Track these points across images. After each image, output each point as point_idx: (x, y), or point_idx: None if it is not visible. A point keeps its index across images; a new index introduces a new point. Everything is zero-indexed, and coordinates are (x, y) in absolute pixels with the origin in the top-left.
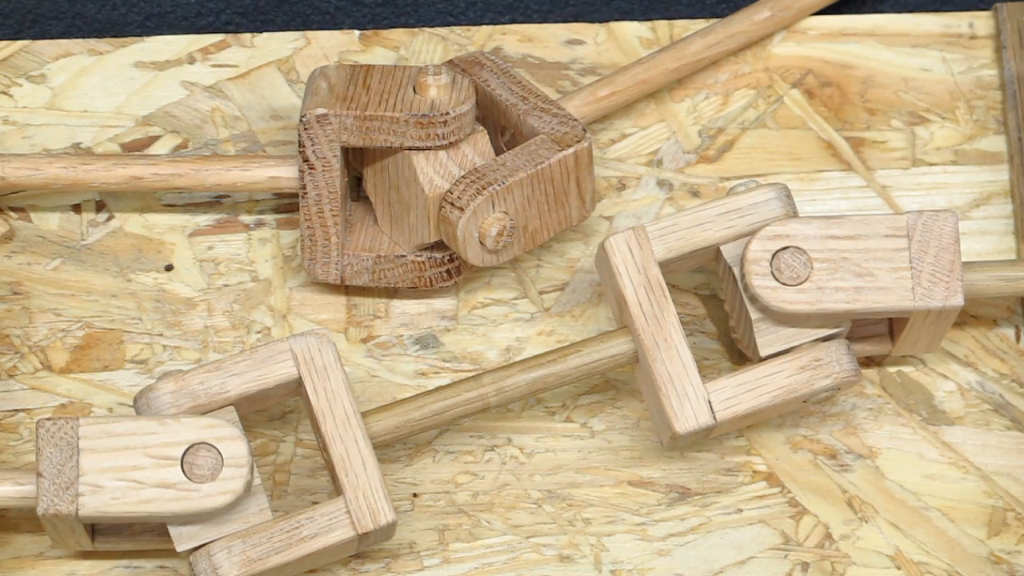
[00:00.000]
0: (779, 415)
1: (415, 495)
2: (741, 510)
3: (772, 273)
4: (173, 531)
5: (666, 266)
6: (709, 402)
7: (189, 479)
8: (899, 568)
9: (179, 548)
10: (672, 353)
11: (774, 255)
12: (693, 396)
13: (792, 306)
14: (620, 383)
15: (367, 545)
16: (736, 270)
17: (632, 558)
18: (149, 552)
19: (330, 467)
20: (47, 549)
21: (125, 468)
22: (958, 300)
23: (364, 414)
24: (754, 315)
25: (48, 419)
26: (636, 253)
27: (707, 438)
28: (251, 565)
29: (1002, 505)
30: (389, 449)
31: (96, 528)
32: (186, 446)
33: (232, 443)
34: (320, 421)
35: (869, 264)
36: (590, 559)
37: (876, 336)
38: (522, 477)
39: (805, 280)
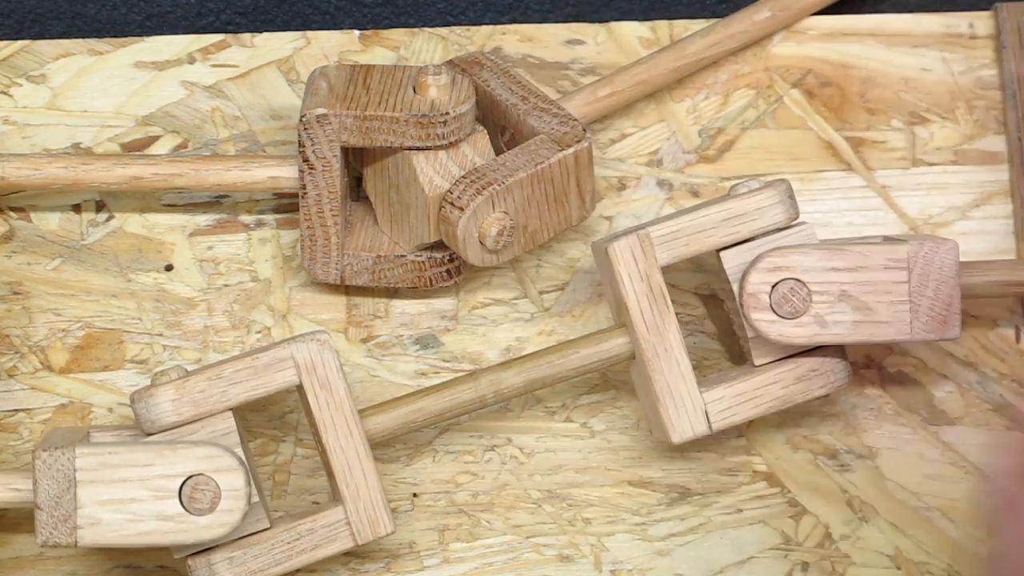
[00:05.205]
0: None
1: (415, 495)
2: (741, 510)
3: (771, 307)
4: None
5: (667, 268)
6: (706, 412)
7: (187, 511)
8: (899, 568)
9: (176, 555)
10: (672, 363)
11: (773, 287)
12: (691, 406)
13: (790, 339)
14: (620, 383)
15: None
16: (735, 287)
17: (632, 558)
18: (149, 552)
19: (329, 473)
20: (47, 549)
21: (123, 500)
22: (955, 332)
23: (361, 412)
24: (750, 333)
25: (44, 450)
26: (640, 261)
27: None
28: None
29: None
30: (389, 449)
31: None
32: (183, 478)
33: (230, 474)
34: (322, 431)
35: (868, 297)
36: (590, 559)
37: None
38: (522, 477)
39: (803, 314)
